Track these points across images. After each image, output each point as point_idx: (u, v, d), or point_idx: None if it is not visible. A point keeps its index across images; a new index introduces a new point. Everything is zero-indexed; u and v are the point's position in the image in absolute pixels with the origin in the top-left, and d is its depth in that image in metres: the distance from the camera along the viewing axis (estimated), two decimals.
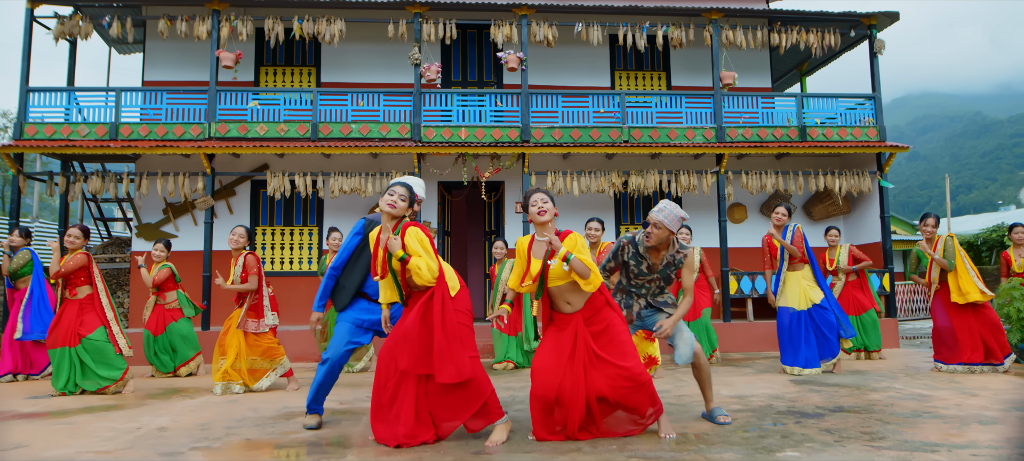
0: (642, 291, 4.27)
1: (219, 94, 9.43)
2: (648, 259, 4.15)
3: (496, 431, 3.75)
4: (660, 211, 3.99)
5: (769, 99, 10.32)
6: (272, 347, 6.03)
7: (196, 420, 4.63)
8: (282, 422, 4.52)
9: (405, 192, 3.78)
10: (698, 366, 4.19)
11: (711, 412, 4.27)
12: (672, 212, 3.98)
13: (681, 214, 4.00)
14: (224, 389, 5.81)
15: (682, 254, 4.14)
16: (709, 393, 4.27)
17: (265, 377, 6.00)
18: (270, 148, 9.16)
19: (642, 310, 4.29)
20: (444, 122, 9.72)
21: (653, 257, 4.16)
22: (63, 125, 9.18)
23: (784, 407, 4.83)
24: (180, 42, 10.32)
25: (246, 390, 5.89)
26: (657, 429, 3.86)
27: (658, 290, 4.25)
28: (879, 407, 4.76)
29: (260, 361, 5.97)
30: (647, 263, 4.16)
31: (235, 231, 5.99)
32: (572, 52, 10.98)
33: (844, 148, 9.78)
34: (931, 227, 6.53)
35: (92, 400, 5.59)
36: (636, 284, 4.27)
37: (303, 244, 10.39)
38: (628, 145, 9.63)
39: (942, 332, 6.57)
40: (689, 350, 4.07)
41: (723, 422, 4.18)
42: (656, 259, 4.16)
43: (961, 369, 6.41)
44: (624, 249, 4.23)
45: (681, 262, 4.14)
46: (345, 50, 10.63)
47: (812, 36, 10.03)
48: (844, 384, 5.92)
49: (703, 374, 4.22)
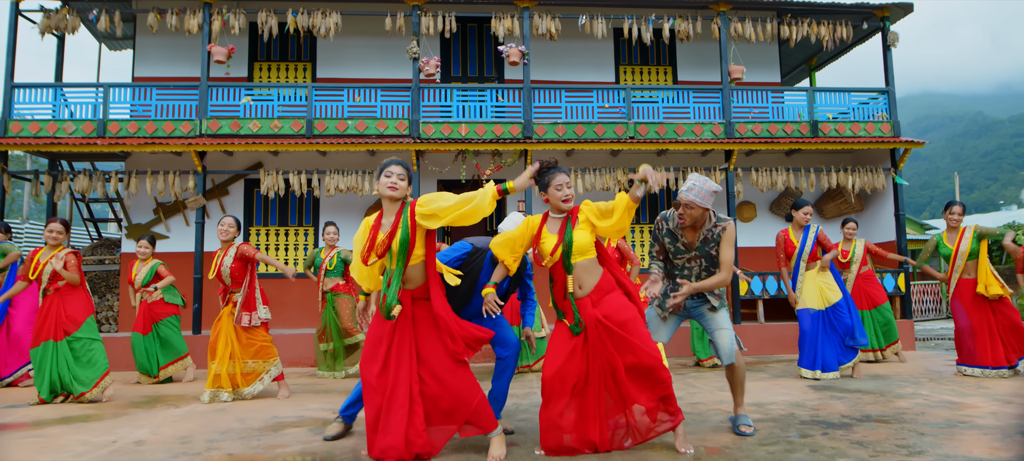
0: (684, 272, 3.99)
1: (211, 90, 9.11)
2: (683, 237, 3.89)
3: (493, 445, 3.43)
4: (690, 189, 3.69)
5: (779, 94, 10.01)
6: (266, 346, 5.72)
7: (177, 432, 4.31)
8: (269, 434, 4.20)
9: (403, 171, 3.50)
10: (735, 367, 3.93)
11: (736, 418, 4.01)
12: (702, 187, 3.67)
13: (713, 187, 3.70)
14: (212, 397, 5.49)
15: (720, 227, 3.83)
16: (740, 398, 4.02)
17: (258, 381, 5.68)
18: (263, 145, 8.85)
19: (686, 300, 4.02)
20: (443, 118, 9.40)
21: (689, 235, 3.89)
22: (49, 122, 8.86)
23: (807, 416, 4.52)
24: (171, 36, 10.01)
25: (235, 397, 5.57)
26: (674, 440, 3.55)
27: (703, 271, 3.95)
28: (909, 416, 4.45)
29: (253, 363, 5.67)
30: (683, 241, 3.90)
31: (224, 221, 5.66)
32: (575, 46, 10.67)
33: (857, 144, 9.46)
34: (957, 214, 6.25)
35: (71, 409, 5.27)
36: (678, 266, 4.01)
37: (298, 245, 10.07)
38: (634, 141, 9.32)
39: (963, 333, 6.31)
40: (732, 347, 3.84)
41: (745, 433, 3.89)
42: (692, 237, 3.88)
43: (991, 373, 6.11)
44: (659, 227, 4.00)
45: (720, 236, 3.83)
46: (341, 44, 10.32)
47: (823, 28, 9.72)
48: (866, 390, 5.60)
49: (738, 376, 3.97)
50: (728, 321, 3.93)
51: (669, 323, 4.09)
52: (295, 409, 5.14)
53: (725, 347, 3.85)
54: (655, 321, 4.09)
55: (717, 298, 3.97)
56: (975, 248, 6.20)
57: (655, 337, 4.07)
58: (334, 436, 3.97)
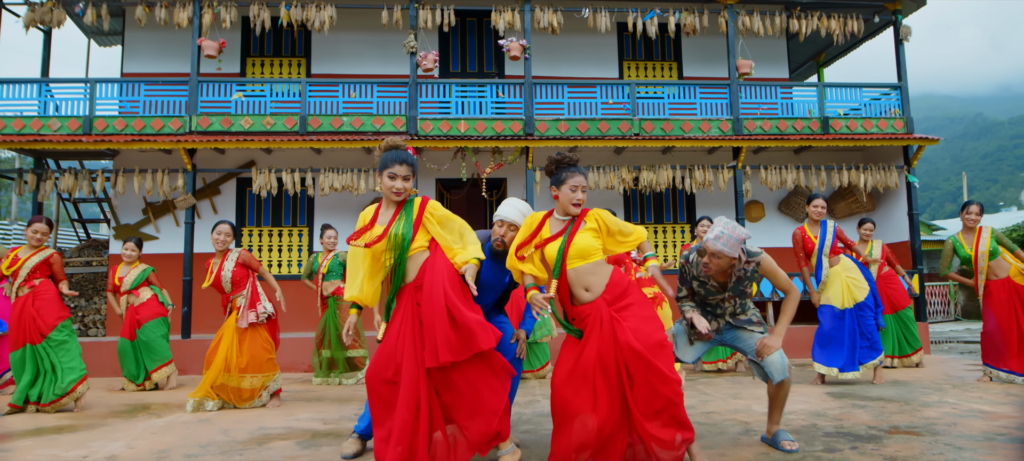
0: (717, 311, 3.69)
1: (201, 85, 8.80)
2: (712, 280, 3.57)
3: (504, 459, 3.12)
4: (717, 238, 3.32)
5: (788, 90, 9.71)
6: (268, 351, 5.34)
7: (155, 445, 4.00)
8: (253, 449, 3.88)
9: (409, 171, 3.27)
10: (784, 384, 3.58)
11: (775, 435, 3.66)
12: (731, 236, 3.30)
13: (742, 235, 3.33)
14: (197, 406, 5.17)
15: (753, 264, 3.47)
16: (779, 415, 3.68)
17: (257, 399, 5.32)
18: (255, 143, 8.53)
19: (722, 328, 3.71)
20: (442, 114, 9.09)
21: (718, 278, 3.55)
22: (33, 119, 8.55)
23: (831, 427, 4.21)
24: (160, 31, 9.70)
25: (221, 406, 5.25)
26: (689, 458, 3.22)
27: (738, 309, 3.65)
28: (941, 427, 4.14)
29: (251, 379, 5.27)
30: (713, 283, 3.57)
31: (218, 229, 5.38)
32: (578, 40, 10.36)
33: (870, 141, 9.15)
34: (975, 214, 6.04)
35: (46, 420, 4.95)
36: (710, 305, 3.70)
37: (292, 245, 9.76)
38: (639, 138, 9.01)
39: (992, 334, 6.05)
40: (784, 362, 3.51)
41: (790, 449, 3.52)
42: (723, 279, 3.56)
43: (1019, 381, 5.82)
44: (685, 271, 3.67)
45: (754, 274, 3.52)
46: (336, 39, 10.01)
47: (834, 22, 9.42)
48: (889, 397, 5.30)
49: (783, 393, 3.62)
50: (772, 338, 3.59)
51: (700, 345, 3.75)
52: (284, 419, 4.83)
53: (776, 364, 3.48)
54: (683, 337, 3.76)
55: (756, 325, 3.63)
56: (995, 248, 6.01)
57: (681, 356, 3.75)
58: (352, 455, 3.60)
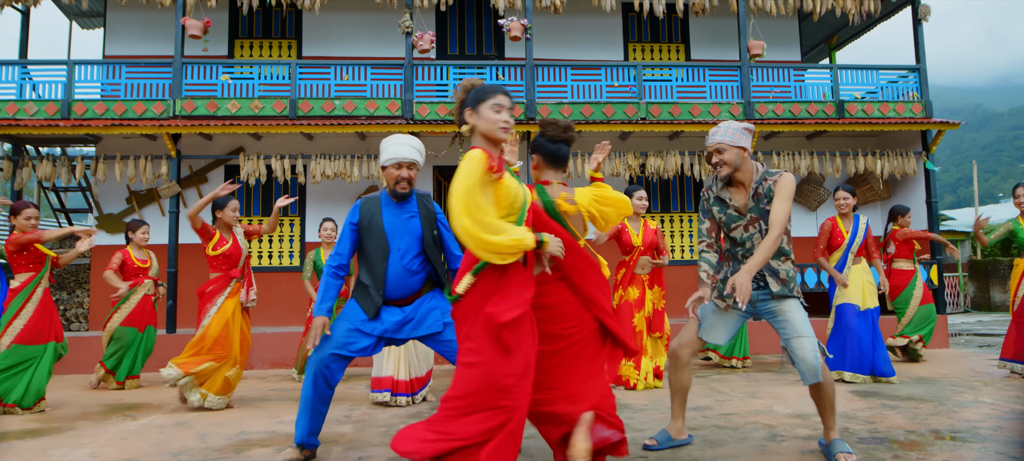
0: (745, 246, 3.27)
1: (185, 67, 8.35)
2: (732, 200, 3.25)
3: None
4: (715, 131, 3.25)
5: (801, 72, 9.29)
6: (245, 336, 5.14)
7: (123, 452, 3.62)
8: (230, 456, 3.51)
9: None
10: (823, 386, 3.15)
11: (830, 445, 3.19)
12: (729, 126, 3.22)
13: (744, 125, 3.23)
14: (183, 384, 4.80)
15: (771, 179, 3.18)
16: (831, 419, 3.22)
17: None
18: (242, 127, 8.11)
19: (756, 302, 3.29)
20: (440, 98, 8.67)
21: (737, 196, 3.25)
22: (8, 103, 8.11)
23: (864, 430, 3.85)
24: (143, 12, 9.25)
25: (202, 401, 4.82)
26: None
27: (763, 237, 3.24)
28: (985, 431, 3.78)
29: (239, 369, 5.03)
30: (733, 205, 3.25)
31: (230, 204, 5.12)
32: (581, 21, 9.93)
33: (887, 125, 8.75)
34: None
35: (11, 423, 4.56)
36: (737, 239, 3.29)
37: (283, 236, 9.35)
38: (646, 122, 8.60)
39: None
40: (817, 361, 3.04)
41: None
42: (742, 198, 3.24)
43: None
44: (706, 198, 3.39)
45: (772, 189, 3.17)
46: (328, 20, 9.57)
47: (850, 1, 8.99)
48: (919, 397, 4.94)
49: (826, 395, 3.17)
50: (806, 323, 3.13)
51: (730, 319, 3.34)
52: (266, 422, 4.45)
53: (807, 362, 3.04)
54: (712, 316, 3.37)
55: (780, 282, 3.18)
56: None
57: (709, 338, 3.36)
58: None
